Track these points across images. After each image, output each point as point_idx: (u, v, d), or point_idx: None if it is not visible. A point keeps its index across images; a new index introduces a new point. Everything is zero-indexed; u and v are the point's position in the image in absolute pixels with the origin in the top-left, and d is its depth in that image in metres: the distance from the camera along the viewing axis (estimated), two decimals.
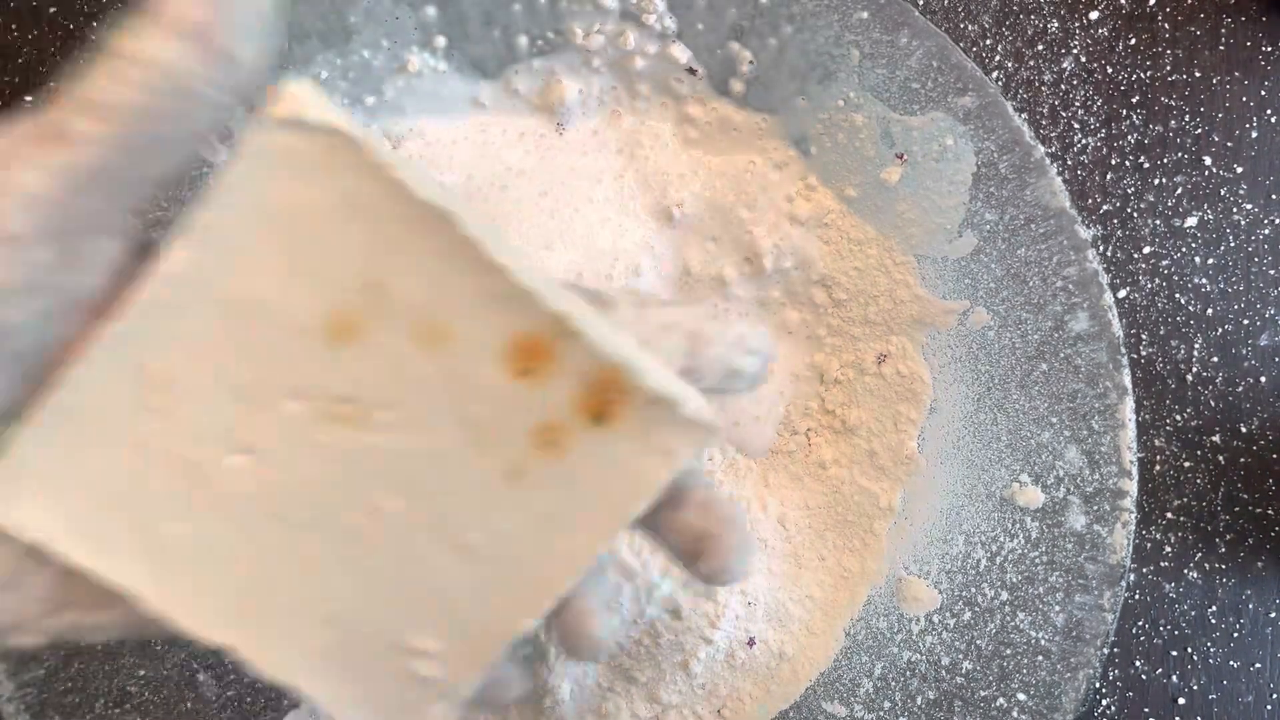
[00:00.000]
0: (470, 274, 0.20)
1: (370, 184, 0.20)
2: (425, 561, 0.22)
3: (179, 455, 0.21)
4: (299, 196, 0.19)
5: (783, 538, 0.40)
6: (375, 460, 0.21)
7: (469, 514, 0.22)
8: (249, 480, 0.21)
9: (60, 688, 0.34)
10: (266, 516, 0.22)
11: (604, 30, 0.37)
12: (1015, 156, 0.34)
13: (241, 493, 0.21)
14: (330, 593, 0.22)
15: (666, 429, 0.21)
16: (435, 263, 0.20)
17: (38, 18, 0.46)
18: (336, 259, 0.20)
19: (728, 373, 0.23)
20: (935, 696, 0.35)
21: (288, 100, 0.19)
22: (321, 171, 0.19)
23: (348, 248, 0.20)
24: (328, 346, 0.21)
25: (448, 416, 0.21)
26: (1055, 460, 0.34)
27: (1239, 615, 0.42)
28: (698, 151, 0.40)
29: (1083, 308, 0.34)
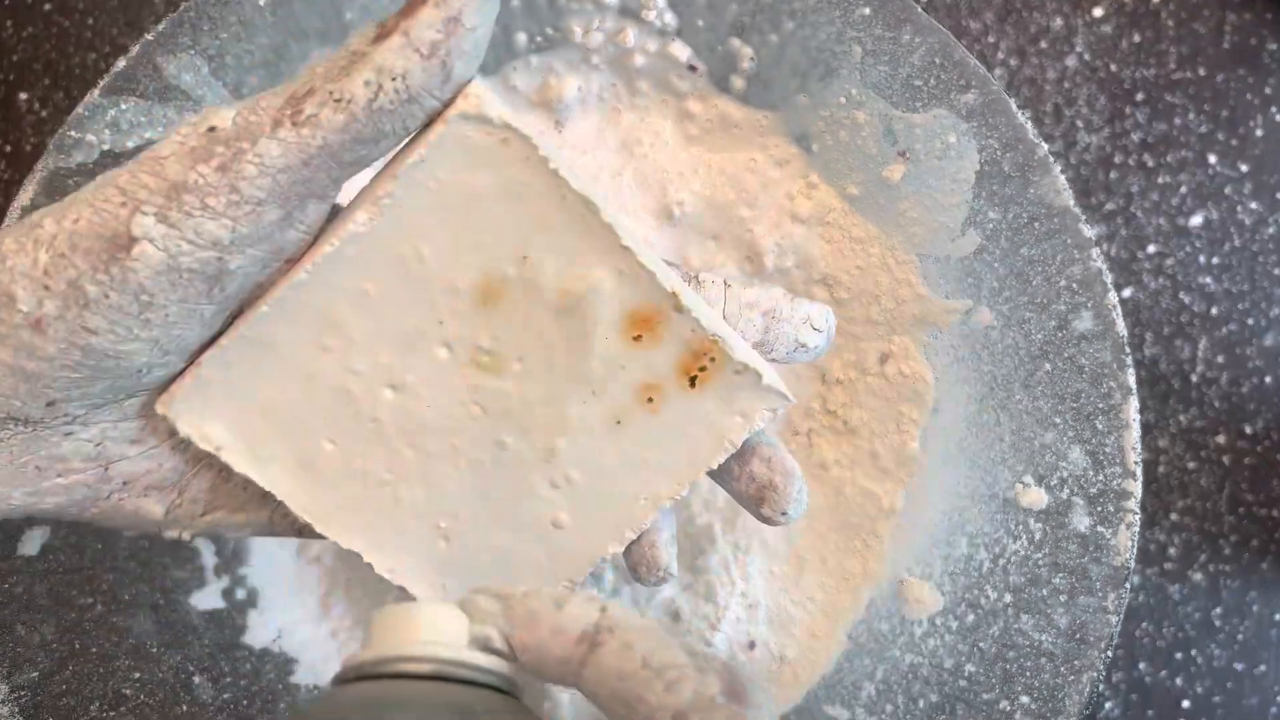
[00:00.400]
0: (604, 253, 0.24)
1: (532, 174, 0.23)
2: (534, 491, 0.26)
3: (340, 386, 0.25)
4: (470, 179, 0.23)
5: (784, 539, 0.39)
6: (503, 402, 0.26)
7: (576, 453, 0.26)
8: (395, 412, 0.25)
9: (55, 690, 0.33)
10: (405, 443, 0.26)
11: (603, 28, 0.37)
12: (1018, 154, 0.34)
13: (387, 421, 0.25)
14: (450, 511, 0.26)
15: (748, 394, 0.26)
16: (576, 242, 0.24)
17: (33, 14, 0.45)
18: (494, 233, 0.24)
19: (796, 347, 0.28)
20: (938, 700, 0.35)
21: (472, 98, 0.22)
22: (493, 160, 0.23)
23: (505, 225, 0.24)
24: (477, 306, 0.25)
25: (569, 371, 0.25)
26: (1059, 461, 0.34)
27: (1243, 617, 0.42)
28: (698, 149, 0.39)
29: (1087, 307, 0.34)
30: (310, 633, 0.40)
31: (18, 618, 0.33)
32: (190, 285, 0.21)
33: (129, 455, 0.25)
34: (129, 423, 0.24)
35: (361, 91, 0.21)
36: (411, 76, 0.21)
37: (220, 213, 0.21)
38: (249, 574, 0.39)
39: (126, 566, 0.36)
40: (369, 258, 0.24)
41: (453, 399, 0.25)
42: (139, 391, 0.24)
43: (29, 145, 0.45)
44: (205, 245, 0.21)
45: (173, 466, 0.26)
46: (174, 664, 0.36)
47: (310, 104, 0.21)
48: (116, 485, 0.25)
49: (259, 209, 0.21)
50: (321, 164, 0.21)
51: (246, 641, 0.38)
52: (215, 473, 0.26)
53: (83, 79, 0.45)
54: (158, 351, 0.22)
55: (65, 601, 0.34)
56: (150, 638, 0.36)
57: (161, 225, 0.21)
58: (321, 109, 0.21)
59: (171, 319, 0.22)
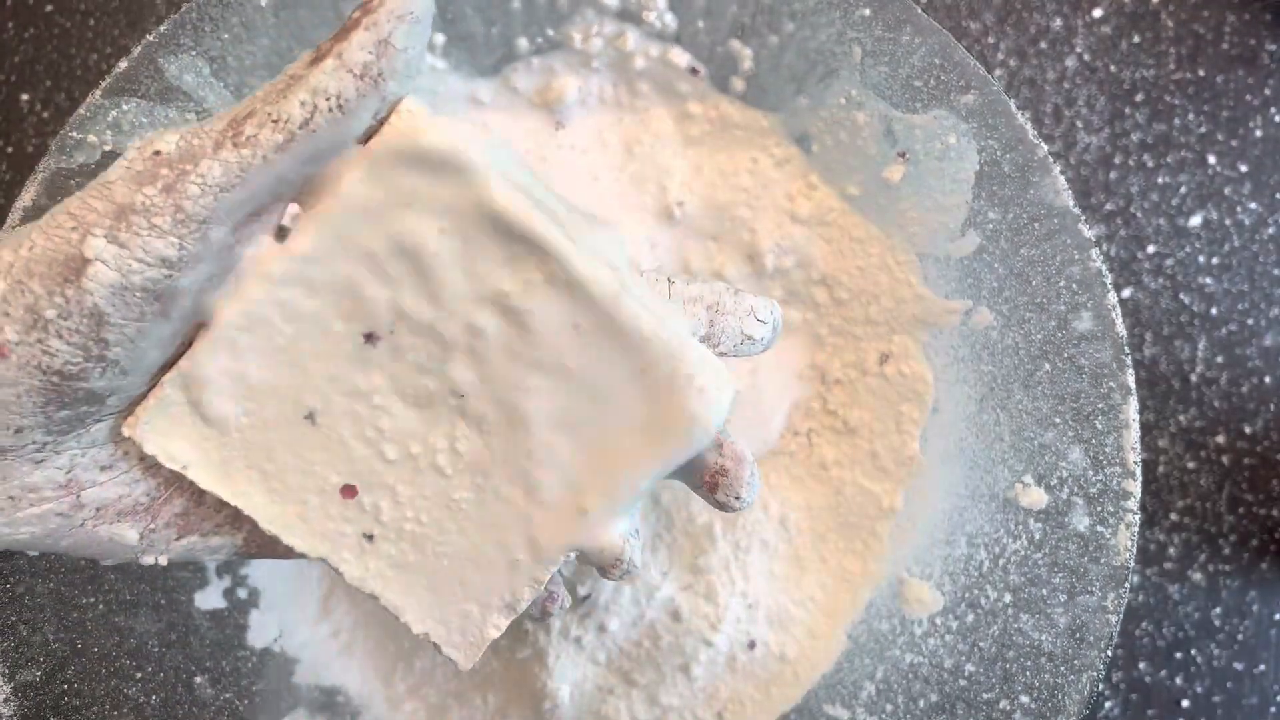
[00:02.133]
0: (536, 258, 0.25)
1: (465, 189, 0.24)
2: (498, 491, 0.27)
3: (297, 400, 0.26)
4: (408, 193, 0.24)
5: (784, 539, 0.39)
6: (459, 406, 0.26)
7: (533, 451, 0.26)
8: (353, 421, 0.26)
9: (56, 690, 0.33)
10: (366, 451, 0.26)
11: (602, 33, 0.37)
12: (1018, 155, 0.34)
13: (345, 431, 0.26)
14: (415, 517, 0.27)
15: (694, 394, 0.26)
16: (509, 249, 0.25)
17: (35, 15, 0.46)
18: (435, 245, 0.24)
19: (742, 339, 0.28)
20: (938, 699, 0.35)
21: (405, 114, 0.23)
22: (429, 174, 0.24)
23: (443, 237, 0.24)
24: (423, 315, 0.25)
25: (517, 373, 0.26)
26: (1058, 461, 0.34)
27: (1243, 617, 0.42)
28: (698, 150, 0.39)
29: (1086, 307, 0.34)
30: (311, 633, 0.40)
31: (20, 618, 0.33)
32: (145, 304, 0.22)
33: (100, 481, 0.25)
34: (98, 449, 0.25)
35: (298, 112, 0.22)
36: (345, 96, 0.22)
37: (166, 231, 0.22)
38: (250, 574, 0.39)
39: (128, 567, 0.36)
40: (316, 271, 0.24)
41: (410, 404, 0.26)
42: (105, 416, 0.24)
43: (31, 146, 0.45)
44: (155, 263, 0.22)
45: (145, 491, 0.26)
46: (175, 664, 0.36)
47: (250, 125, 0.22)
48: (90, 512, 0.25)
49: (204, 227, 0.22)
50: (264, 183, 0.22)
51: (248, 641, 0.38)
52: (188, 496, 0.27)
53: (84, 80, 0.45)
54: (117, 372, 0.23)
55: (67, 601, 0.34)
56: (152, 638, 0.36)
57: (112, 246, 0.21)
58: (260, 130, 0.22)
59: (129, 338, 0.23)
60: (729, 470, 0.27)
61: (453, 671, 0.40)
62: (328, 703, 0.39)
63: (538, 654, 0.38)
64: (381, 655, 0.40)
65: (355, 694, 0.40)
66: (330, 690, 0.40)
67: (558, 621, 0.38)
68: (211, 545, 0.27)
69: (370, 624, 0.40)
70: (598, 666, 0.39)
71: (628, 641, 0.38)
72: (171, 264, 0.22)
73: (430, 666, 0.40)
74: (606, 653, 0.38)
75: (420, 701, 0.40)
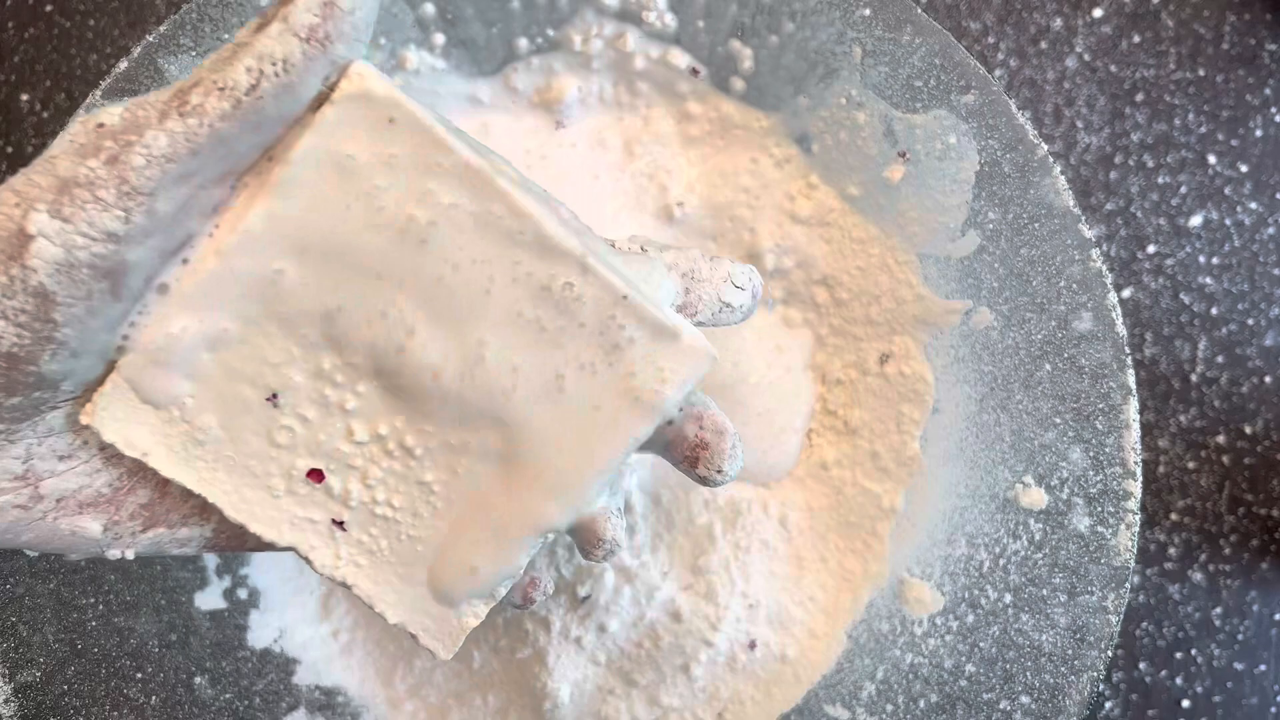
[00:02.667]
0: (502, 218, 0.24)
1: (421, 146, 0.23)
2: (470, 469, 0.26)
3: (259, 380, 0.25)
4: (362, 156, 0.23)
5: (784, 539, 0.39)
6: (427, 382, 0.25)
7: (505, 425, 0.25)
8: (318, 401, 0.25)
9: (56, 691, 0.33)
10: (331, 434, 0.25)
11: (602, 35, 0.37)
12: (1018, 155, 0.34)
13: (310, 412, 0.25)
14: (388, 501, 0.26)
15: (668, 356, 0.25)
16: (472, 209, 0.24)
17: (34, 15, 0.46)
18: (393, 209, 0.24)
19: (720, 307, 0.27)
20: (938, 699, 0.35)
21: (355, 78, 0.23)
22: (383, 136, 0.23)
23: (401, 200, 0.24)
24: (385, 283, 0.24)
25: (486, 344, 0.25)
26: (1059, 461, 0.34)
27: (1243, 617, 0.42)
28: (698, 149, 0.39)
29: (1086, 307, 0.34)
30: (311, 633, 0.40)
31: (20, 618, 0.33)
32: (92, 282, 0.22)
33: (59, 471, 0.24)
34: (56, 437, 0.24)
35: (244, 78, 0.22)
36: (291, 60, 0.22)
37: (111, 204, 0.21)
38: (250, 574, 0.39)
39: (128, 567, 0.36)
40: (272, 243, 0.24)
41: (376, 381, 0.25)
42: (61, 403, 0.24)
43: (30, 146, 0.45)
44: (100, 238, 0.21)
45: (107, 481, 0.25)
46: (175, 664, 0.36)
47: (195, 94, 0.22)
48: (50, 505, 0.24)
49: (150, 200, 0.22)
50: (211, 153, 0.22)
51: (248, 642, 0.38)
52: (152, 486, 0.26)
53: (84, 80, 0.45)
54: (68, 355, 0.22)
55: (67, 602, 0.34)
56: (152, 638, 0.36)
57: (56, 220, 0.21)
58: (206, 98, 0.22)
59: (79, 318, 0.22)
60: (709, 443, 0.27)
61: (453, 671, 0.40)
62: (328, 703, 0.39)
63: (538, 654, 0.38)
64: (382, 655, 0.40)
65: (355, 694, 0.40)
66: (330, 690, 0.40)
67: (558, 621, 0.38)
68: (179, 537, 0.26)
69: (370, 624, 0.40)
70: (598, 667, 0.39)
71: (628, 642, 0.38)
72: (117, 238, 0.21)
73: (430, 667, 0.40)
74: (607, 653, 0.38)
75: (420, 702, 0.40)
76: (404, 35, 0.37)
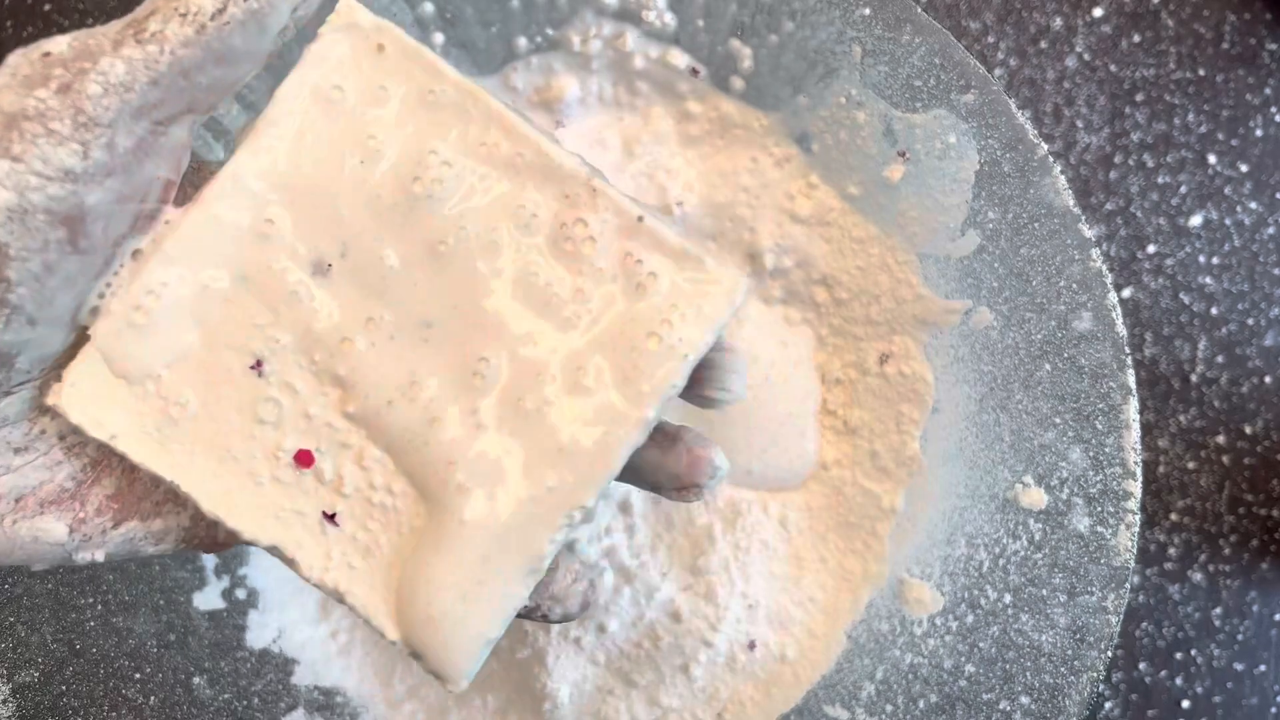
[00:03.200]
0: (507, 140, 0.23)
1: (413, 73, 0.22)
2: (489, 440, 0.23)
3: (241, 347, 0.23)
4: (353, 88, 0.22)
5: (784, 539, 0.39)
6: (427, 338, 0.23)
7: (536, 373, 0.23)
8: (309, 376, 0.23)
9: (55, 691, 0.33)
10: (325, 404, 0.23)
11: (601, 35, 0.37)
12: (1018, 154, 0.34)
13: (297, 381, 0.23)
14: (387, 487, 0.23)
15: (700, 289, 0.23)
16: (471, 134, 0.23)
17: (33, 14, 0.45)
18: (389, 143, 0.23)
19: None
20: (937, 700, 0.35)
21: (344, 10, 0.22)
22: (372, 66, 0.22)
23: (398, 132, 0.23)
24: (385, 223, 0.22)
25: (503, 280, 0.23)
26: (1059, 461, 0.34)
27: (1243, 617, 0.42)
28: (698, 149, 0.39)
29: (1086, 307, 0.34)
30: (310, 633, 0.40)
31: (18, 619, 0.33)
32: (48, 229, 0.19)
33: (15, 466, 0.22)
34: (10, 428, 0.22)
35: (209, 3, 0.20)
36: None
37: (67, 136, 0.19)
38: (249, 574, 0.39)
39: (126, 567, 0.36)
40: (260, 190, 0.22)
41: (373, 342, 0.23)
42: (15, 388, 0.22)
43: None
44: (56, 176, 0.19)
45: (69, 474, 0.23)
46: (174, 665, 0.36)
47: (153, 21, 0.20)
48: (7, 505, 0.22)
49: (110, 132, 0.20)
50: (172, 84, 0.20)
51: (246, 642, 0.38)
52: (119, 474, 0.23)
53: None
54: (23, 321, 0.20)
55: (65, 602, 0.34)
56: (150, 638, 0.36)
57: (4, 161, 0.19)
58: (166, 24, 0.20)
59: (34, 275, 0.20)
60: (713, 360, 0.25)
61: None
62: (326, 703, 0.39)
63: (537, 654, 0.38)
64: (381, 656, 0.40)
65: (354, 694, 0.40)
66: (329, 691, 0.39)
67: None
68: (154, 530, 0.24)
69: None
70: (597, 667, 0.38)
71: (627, 642, 0.38)
72: (75, 176, 0.19)
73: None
74: (606, 653, 0.38)
75: (419, 702, 0.40)
76: None
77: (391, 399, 0.23)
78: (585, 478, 0.23)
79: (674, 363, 0.23)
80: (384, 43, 0.22)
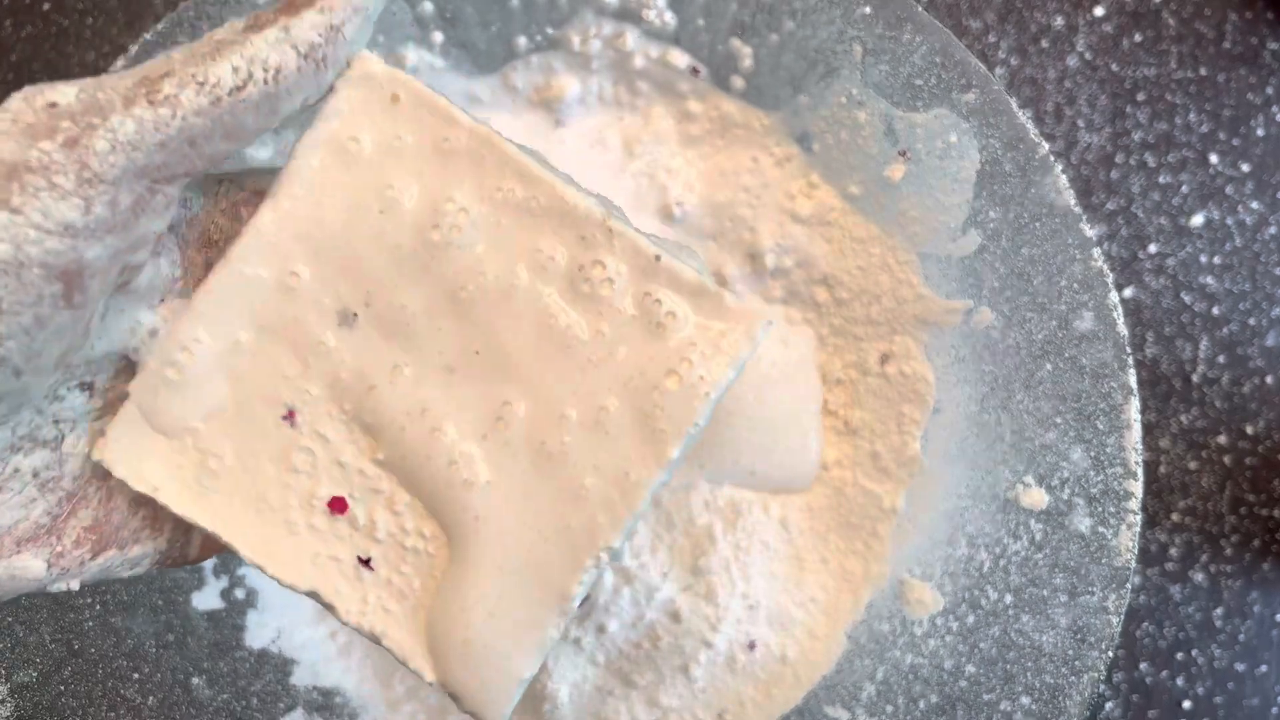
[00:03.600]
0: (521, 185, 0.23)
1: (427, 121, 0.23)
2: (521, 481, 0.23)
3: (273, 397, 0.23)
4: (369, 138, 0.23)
5: (785, 540, 0.39)
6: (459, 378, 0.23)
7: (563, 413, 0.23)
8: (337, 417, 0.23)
9: (53, 691, 0.33)
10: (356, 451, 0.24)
11: (601, 35, 0.37)
12: (1019, 154, 0.34)
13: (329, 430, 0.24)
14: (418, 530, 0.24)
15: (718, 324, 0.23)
16: (484, 178, 0.23)
17: (32, 13, 0.45)
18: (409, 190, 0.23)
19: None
20: (938, 700, 0.35)
21: (358, 64, 0.23)
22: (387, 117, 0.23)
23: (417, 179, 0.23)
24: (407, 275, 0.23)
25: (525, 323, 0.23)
26: (1060, 461, 0.34)
27: (1245, 618, 0.42)
28: (698, 149, 0.39)
29: (1088, 307, 0.34)
30: (309, 634, 0.40)
31: (16, 619, 0.33)
32: (43, 284, 0.19)
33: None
34: None
35: (229, 78, 0.20)
36: (285, 72, 0.21)
37: (70, 191, 0.19)
38: (248, 574, 0.39)
39: None
40: (284, 243, 0.23)
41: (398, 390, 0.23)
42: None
43: None
44: (56, 230, 0.19)
45: (44, 509, 0.22)
46: (172, 665, 0.36)
47: (169, 84, 0.20)
48: None
49: (114, 189, 0.19)
50: (177, 150, 0.20)
51: (245, 642, 0.38)
52: (96, 506, 0.23)
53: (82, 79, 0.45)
54: (8, 373, 0.19)
55: (63, 602, 0.34)
56: (149, 639, 0.36)
57: (3, 212, 0.18)
58: (182, 90, 0.20)
59: (24, 329, 0.19)
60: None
61: None
62: (325, 704, 0.39)
63: None
64: (380, 656, 0.40)
65: (353, 695, 0.40)
66: (328, 691, 0.39)
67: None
68: (131, 557, 0.24)
69: None
70: (597, 667, 0.38)
71: (627, 642, 0.38)
72: (75, 231, 0.19)
73: None
74: (606, 654, 0.38)
75: (419, 704, 0.40)
76: (403, 33, 0.37)
77: (418, 446, 0.23)
78: (611, 519, 0.23)
79: (695, 402, 0.23)
80: (398, 92, 0.23)
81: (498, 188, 0.23)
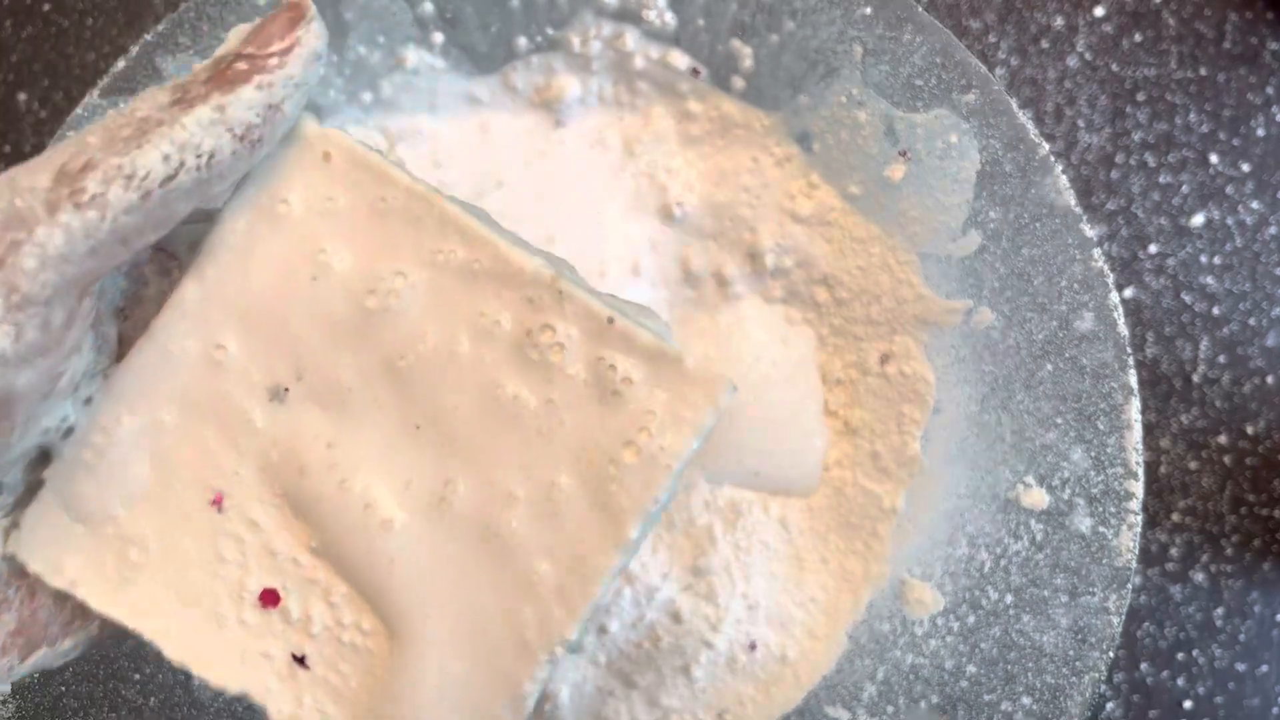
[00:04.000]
0: (463, 246, 0.21)
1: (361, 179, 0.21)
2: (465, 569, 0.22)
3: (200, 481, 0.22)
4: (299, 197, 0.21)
5: (785, 540, 0.39)
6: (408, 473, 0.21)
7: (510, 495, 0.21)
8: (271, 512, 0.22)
9: (54, 692, 0.33)
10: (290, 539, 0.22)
11: (601, 35, 0.37)
12: (1020, 154, 0.34)
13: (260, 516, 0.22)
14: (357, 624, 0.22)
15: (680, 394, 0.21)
16: (428, 239, 0.21)
17: (32, 13, 0.45)
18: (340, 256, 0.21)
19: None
20: (939, 700, 0.35)
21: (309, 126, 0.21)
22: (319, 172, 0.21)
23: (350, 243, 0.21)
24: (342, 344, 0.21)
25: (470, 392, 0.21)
26: (1060, 461, 0.34)
27: (1245, 618, 0.42)
28: (698, 149, 0.39)
29: (1088, 307, 0.34)
30: None
31: None
32: None
33: None
34: None
35: (159, 168, 0.18)
36: (219, 156, 0.19)
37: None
38: None
39: None
40: (209, 316, 0.21)
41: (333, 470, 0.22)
42: None
43: (28, 146, 0.45)
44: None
45: None
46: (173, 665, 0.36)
47: (92, 180, 0.17)
48: None
49: (45, 310, 0.17)
50: (109, 252, 0.18)
51: None
52: (19, 606, 0.21)
53: (82, 79, 0.45)
54: None
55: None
56: None
57: None
58: (108, 186, 0.17)
59: None
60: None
61: None
62: None
63: None
64: None
65: None
66: None
67: None
68: (63, 650, 0.22)
69: None
70: (597, 668, 0.38)
71: (627, 643, 0.38)
72: (5, 360, 0.17)
73: None
74: (606, 654, 0.38)
75: None
76: (402, 34, 0.37)
77: (353, 531, 0.22)
78: (566, 610, 0.21)
79: (655, 474, 0.21)
80: (330, 150, 0.21)
81: (438, 249, 0.21)
